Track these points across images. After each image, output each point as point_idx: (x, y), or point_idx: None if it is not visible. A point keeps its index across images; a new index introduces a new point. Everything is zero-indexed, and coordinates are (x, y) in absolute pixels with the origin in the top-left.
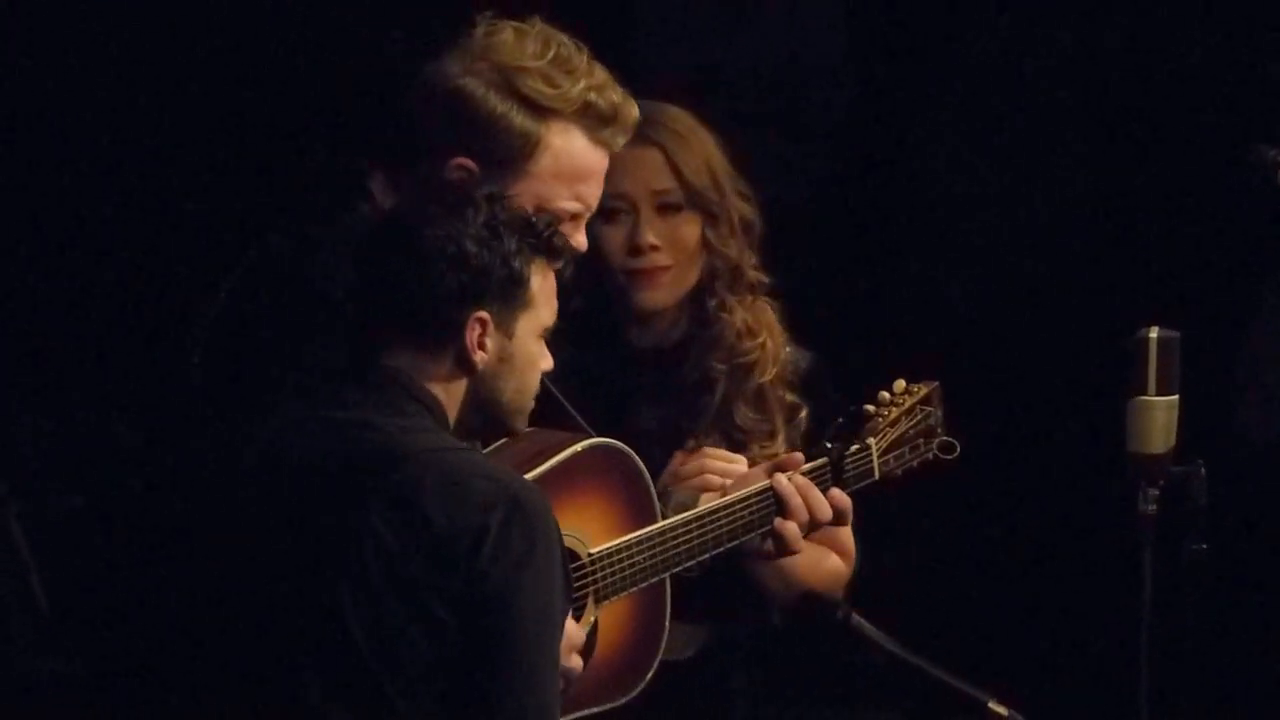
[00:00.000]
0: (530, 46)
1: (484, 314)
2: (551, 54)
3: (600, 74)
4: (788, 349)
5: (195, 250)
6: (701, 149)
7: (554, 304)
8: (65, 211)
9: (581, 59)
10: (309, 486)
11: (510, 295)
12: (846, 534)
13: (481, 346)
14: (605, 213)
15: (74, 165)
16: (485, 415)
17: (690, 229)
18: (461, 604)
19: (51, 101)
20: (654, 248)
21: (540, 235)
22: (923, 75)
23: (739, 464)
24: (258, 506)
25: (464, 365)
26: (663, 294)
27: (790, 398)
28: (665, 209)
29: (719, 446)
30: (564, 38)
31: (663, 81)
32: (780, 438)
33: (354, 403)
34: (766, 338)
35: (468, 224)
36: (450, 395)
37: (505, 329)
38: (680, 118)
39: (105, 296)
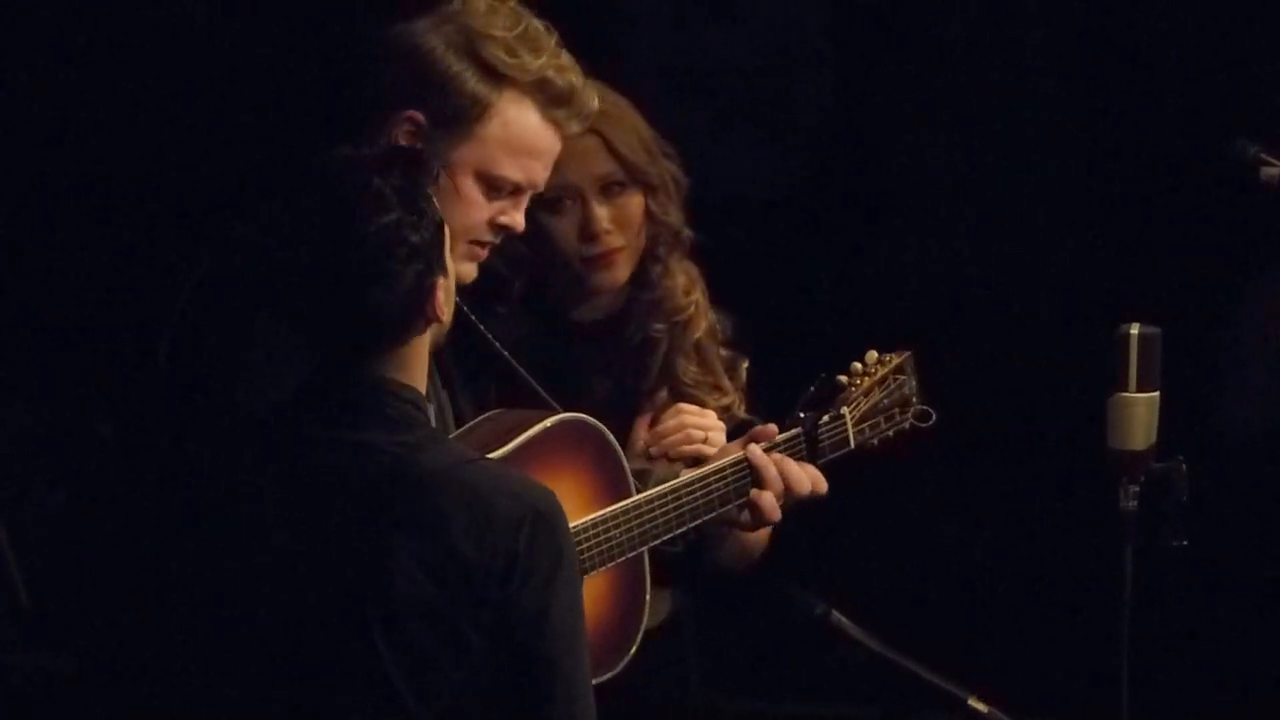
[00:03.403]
0: (501, 19)
1: (440, 278)
2: (520, 29)
3: (565, 57)
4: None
5: (175, 243)
6: (631, 123)
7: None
8: (42, 209)
9: (550, 40)
10: (325, 518)
11: (442, 242)
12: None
13: (443, 303)
14: (550, 204)
15: (46, 163)
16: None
17: (635, 205)
18: (495, 628)
19: (17, 102)
20: (608, 232)
21: (424, 163)
22: (905, 68)
23: (710, 416)
24: (276, 534)
25: (429, 327)
26: (620, 272)
27: (724, 351)
28: (609, 190)
29: (667, 404)
30: (536, 19)
31: (646, 77)
32: (728, 389)
33: (347, 421)
34: (698, 294)
35: (391, 210)
36: (423, 369)
37: (445, 270)
38: (605, 96)
39: (84, 292)
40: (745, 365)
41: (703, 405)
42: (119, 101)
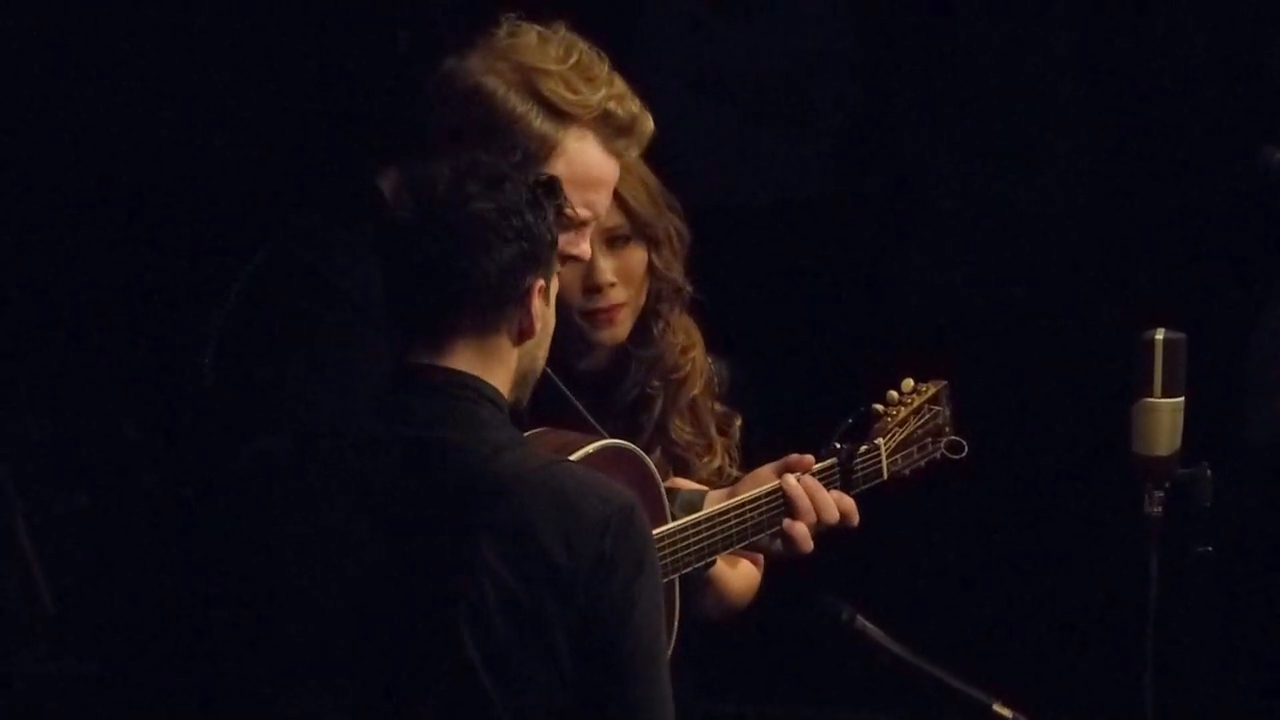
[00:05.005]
0: (553, 51)
1: (542, 281)
2: (574, 60)
3: (619, 84)
4: (708, 359)
5: (203, 249)
6: (640, 174)
7: None
8: (72, 212)
9: (603, 68)
10: (410, 518)
11: (551, 260)
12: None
13: (539, 316)
14: None
15: (82, 166)
16: (515, 391)
17: (639, 259)
18: (580, 627)
19: (56, 101)
20: (611, 285)
21: (560, 198)
22: (930, 71)
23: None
24: (356, 535)
25: (522, 339)
26: (621, 330)
27: (719, 408)
28: (614, 243)
29: (661, 465)
30: (586, 45)
31: (669, 80)
32: (718, 451)
33: (427, 417)
34: (696, 351)
35: (512, 192)
36: (507, 379)
37: (547, 295)
38: None
39: (112, 295)
40: (739, 423)
41: (693, 467)
42: (143, 108)
